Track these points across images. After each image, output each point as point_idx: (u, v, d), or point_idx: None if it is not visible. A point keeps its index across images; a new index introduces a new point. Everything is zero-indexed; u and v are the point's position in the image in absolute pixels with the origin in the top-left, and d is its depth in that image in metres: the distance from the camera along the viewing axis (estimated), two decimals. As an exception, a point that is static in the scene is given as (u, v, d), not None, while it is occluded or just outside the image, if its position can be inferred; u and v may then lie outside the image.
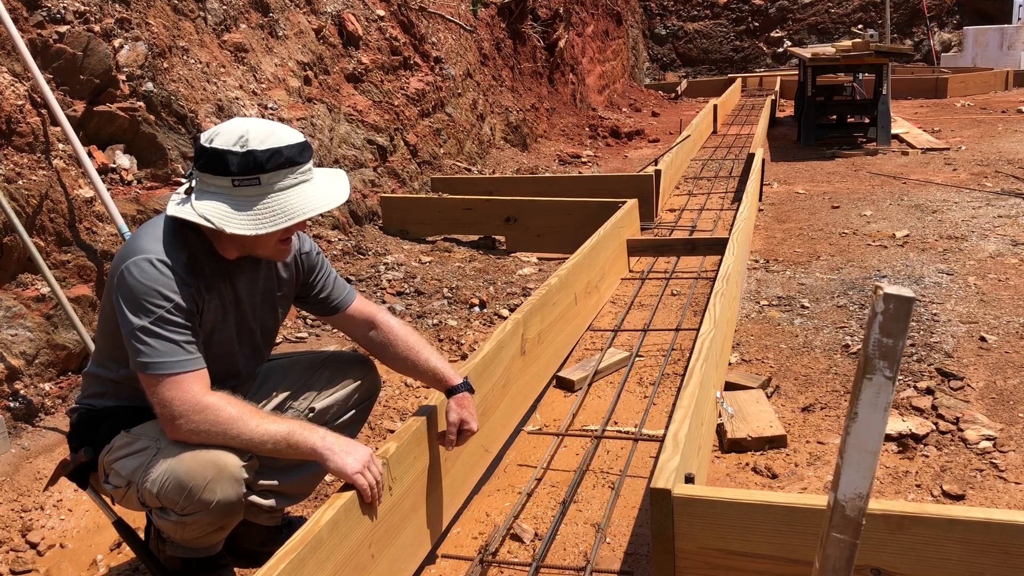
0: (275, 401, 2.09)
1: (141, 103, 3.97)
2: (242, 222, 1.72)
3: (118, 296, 1.72)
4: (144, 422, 1.82)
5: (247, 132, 1.73)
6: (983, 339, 3.48)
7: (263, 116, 4.99)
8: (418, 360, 2.11)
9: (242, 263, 1.90)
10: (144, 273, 1.70)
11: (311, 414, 2.08)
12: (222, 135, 1.73)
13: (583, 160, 9.04)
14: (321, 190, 1.81)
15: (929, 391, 3.03)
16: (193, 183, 1.78)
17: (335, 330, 3.87)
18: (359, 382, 2.16)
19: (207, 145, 1.73)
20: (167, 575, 1.94)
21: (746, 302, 4.17)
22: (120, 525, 1.98)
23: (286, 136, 1.77)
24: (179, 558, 1.90)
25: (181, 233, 1.79)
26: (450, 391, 2.10)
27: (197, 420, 1.68)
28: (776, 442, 2.73)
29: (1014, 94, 13.33)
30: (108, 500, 1.96)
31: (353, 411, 2.17)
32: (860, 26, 16.85)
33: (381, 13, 7.10)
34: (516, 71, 10.06)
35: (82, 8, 3.81)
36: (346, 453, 1.74)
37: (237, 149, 1.71)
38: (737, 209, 4.76)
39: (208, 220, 1.71)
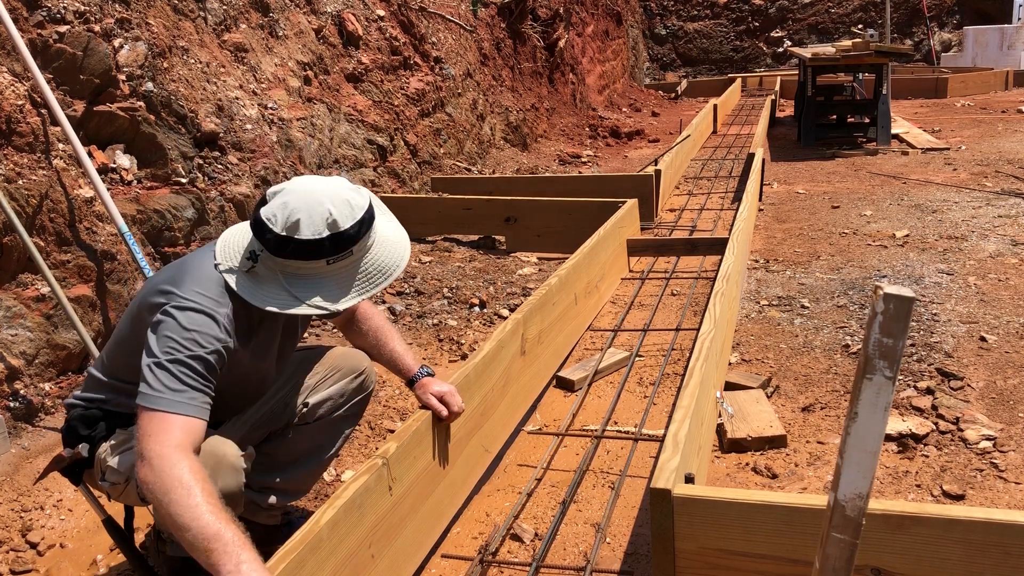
0: (271, 397, 2.09)
1: (141, 103, 3.97)
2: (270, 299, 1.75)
3: (154, 332, 1.68)
4: None
5: (304, 217, 1.70)
6: (983, 339, 3.47)
7: (263, 116, 4.99)
8: (384, 346, 2.19)
9: None
10: (190, 321, 1.68)
11: (305, 408, 2.09)
12: (295, 220, 1.70)
13: (583, 160, 9.04)
14: (338, 289, 1.77)
15: (929, 391, 3.03)
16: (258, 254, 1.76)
17: (335, 330, 3.88)
18: (352, 377, 2.17)
19: (284, 234, 1.70)
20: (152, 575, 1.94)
21: (746, 302, 4.17)
22: (110, 523, 1.98)
23: (318, 226, 1.71)
24: (180, 558, 1.90)
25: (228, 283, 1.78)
26: (411, 381, 2.16)
27: (155, 466, 1.52)
28: (776, 442, 2.73)
29: (1014, 94, 13.32)
30: (103, 498, 1.96)
31: (347, 406, 2.17)
32: (860, 26, 16.86)
33: (381, 13, 7.10)
34: (516, 71, 10.06)
35: (82, 8, 3.81)
36: None
37: (307, 235, 1.70)
38: (737, 209, 4.76)
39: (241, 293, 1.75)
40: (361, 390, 2.19)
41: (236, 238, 1.83)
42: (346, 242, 1.72)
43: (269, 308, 1.73)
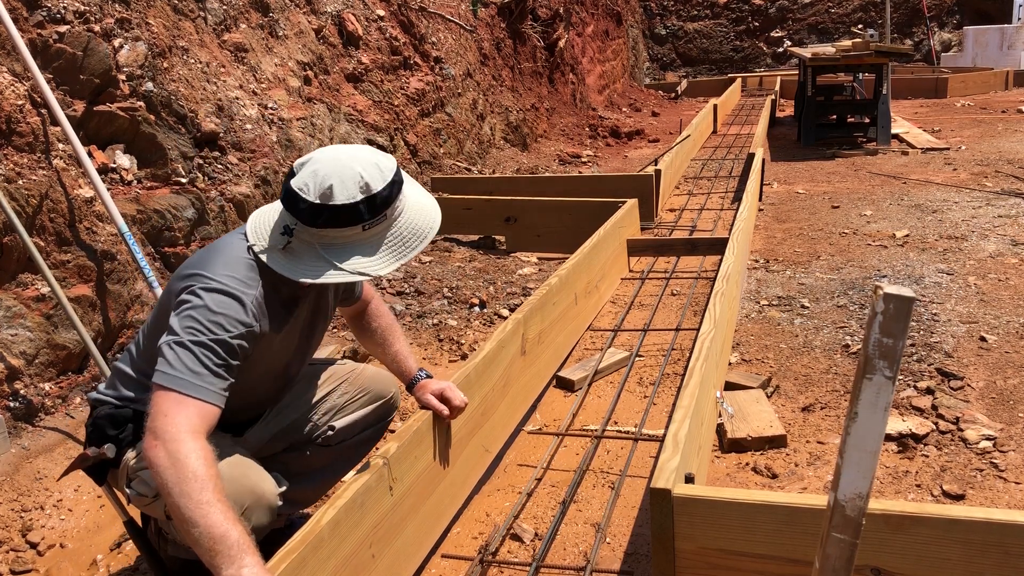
0: (298, 406, 2.09)
1: (141, 103, 3.97)
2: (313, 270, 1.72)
3: (177, 312, 1.66)
4: None
5: (345, 181, 1.68)
6: (983, 339, 3.48)
7: (263, 116, 4.99)
8: (390, 347, 2.19)
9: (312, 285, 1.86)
10: (217, 303, 1.65)
11: (331, 432, 2.10)
12: (328, 186, 1.67)
13: (583, 160, 9.04)
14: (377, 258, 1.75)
15: (929, 391, 3.03)
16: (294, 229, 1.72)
17: (333, 329, 3.88)
18: (380, 403, 2.18)
19: (318, 201, 1.67)
20: None
21: (746, 302, 4.17)
22: (131, 525, 1.97)
23: (351, 190, 1.69)
24: (180, 559, 1.90)
25: (260, 263, 1.74)
26: (411, 384, 2.16)
27: (169, 451, 1.50)
28: (776, 442, 2.73)
29: (1014, 94, 13.32)
30: (123, 499, 1.95)
31: (370, 430, 2.19)
32: (860, 26, 16.86)
33: (381, 13, 7.10)
34: (516, 71, 10.06)
35: (82, 8, 3.81)
36: None
37: (342, 199, 1.67)
38: (737, 209, 4.76)
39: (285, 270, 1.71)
40: (386, 415, 2.21)
41: (266, 217, 1.79)
42: (380, 205, 1.70)
43: (305, 280, 1.69)
